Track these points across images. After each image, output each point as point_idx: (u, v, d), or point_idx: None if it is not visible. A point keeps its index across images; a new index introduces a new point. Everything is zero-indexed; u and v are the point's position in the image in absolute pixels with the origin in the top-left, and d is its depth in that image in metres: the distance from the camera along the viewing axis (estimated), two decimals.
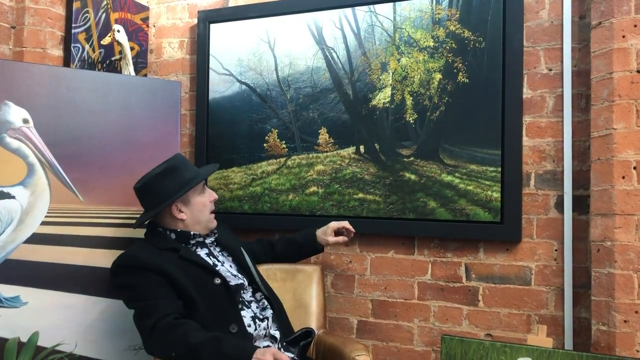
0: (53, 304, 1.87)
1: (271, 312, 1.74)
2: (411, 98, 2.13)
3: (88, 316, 1.93)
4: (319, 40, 2.29)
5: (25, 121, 1.86)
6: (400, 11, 2.15)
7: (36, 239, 1.86)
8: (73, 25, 2.34)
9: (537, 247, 1.98)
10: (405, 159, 2.14)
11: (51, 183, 1.90)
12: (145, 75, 2.63)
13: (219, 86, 2.48)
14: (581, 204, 1.92)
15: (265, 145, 2.38)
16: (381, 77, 2.18)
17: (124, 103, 2.07)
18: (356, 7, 2.21)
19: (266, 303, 1.76)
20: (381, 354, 2.20)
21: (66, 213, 1.93)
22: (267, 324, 1.70)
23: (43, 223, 1.88)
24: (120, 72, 2.43)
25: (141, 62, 2.62)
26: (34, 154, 1.88)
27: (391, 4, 2.16)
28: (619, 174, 1.73)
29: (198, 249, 1.78)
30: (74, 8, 2.34)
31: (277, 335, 1.71)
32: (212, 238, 1.84)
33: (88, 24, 2.39)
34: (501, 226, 1.99)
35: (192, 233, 1.77)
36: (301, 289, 2.07)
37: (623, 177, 1.73)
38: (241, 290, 1.73)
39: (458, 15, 2.07)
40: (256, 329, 1.66)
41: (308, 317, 2.01)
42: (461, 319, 2.08)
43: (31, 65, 2.00)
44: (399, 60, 2.15)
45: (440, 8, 2.10)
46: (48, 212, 1.89)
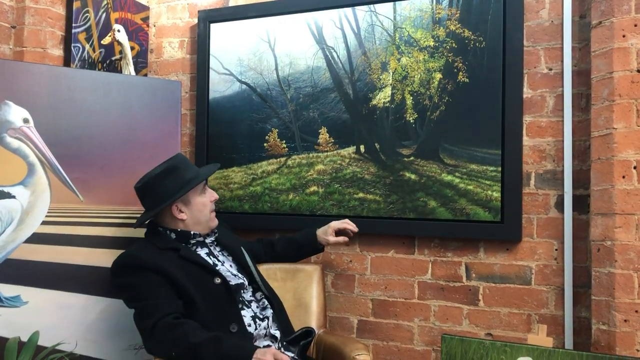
0: (53, 304, 1.87)
1: (271, 312, 1.74)
2: (411, 98, 2.13)
3: (88, 316, 1.93)
4: (319, 39, 2.29)
5: (25, 121, 1.86)
6: (400, 11, 2.15)
7: (36, 239, 1.86)
8: (73, 25, 2.34)
9: (538, 247, 1.98)
10: (405, 159, 2.14)
11: (51, 183, 1.90)
12: (145, 75, 2.63)
13: (219, 86, 2.48)
14: (581, 204, 1.92)
15: (265, 144, 2.38)
16: (381, 77, 2.18)
17: (125, 103, 2.07)
18: (356, 7, 2.21)
19: (266, 303, 1.76)
20: (381, 354, 2.20)
21: (66, 213, 1.93)
22: (268, 324, 1.70)
23: (43, 223, 1.88)
24: (120, 72, 2.43)
25: (141, 62, 2.62)
26: (34, 154, 1.88)
27: (391, 4, 2.16)
28: (619, 174, 1.73)
29: (198, 249, 1.78)
30: (74, 8, 2.34)
31: (278, 334, 1.71)
32: (213, 238, 1.84)
33: (88, 24, 2.39)
34: (501, 226, 1.99)
35: (192, 233, 1.77)
36: (301, 289, 2.07)
37: (623, 177, 1.73)
38: (241, 289, 1.73)
39: (458, 14, 2.07)
40: (256, 329, 1.66)
41: (308, 317, 2.01)
42: (461, 319, 2.08)
43: (31, 65, 2.00)
44: (399, 59, 2.15)
45: (440, 7, 2.10)
46: (48, 212, 1.89)
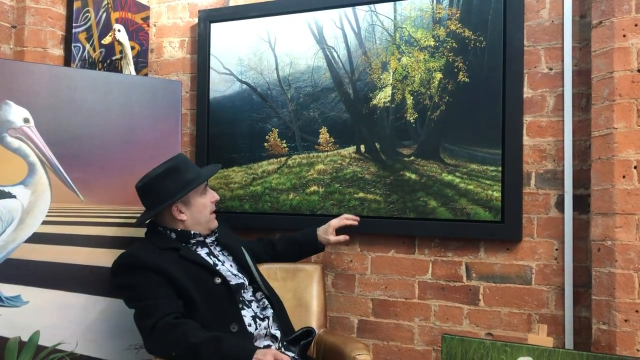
0: (54, 304, 1.87)
1: (272, 312, 1.74)
2: (412, 97, 2.13)
3: (89, 315, 1.93)
4: (320, 39, 2.29)
5: (26, 120, 1.87)
6: (400, 10, 2.15)
7: (37, 239, 1.86)
8: (74, 24, 2.34)
9: (538, 247, 1.98)
10: (405, 159, 2.14)
11: (52, 182, 1.90)
12: (145, 74, 2.63)
13: (220, 85, 2.48)
14: (582, 204, 1.92)
15: (265, 144, 2.38)
16: (382, 77, 2.18)
17: (125, 102, 2.07)
18: (357, 7, 2.21)
19: (267, 302, 1.77)
20: (382, 353, 2.20)
21: (67, 212, 1.93)
22: (268, 324, 1.70)
23: (44, 222, 1.88)
24: (120, 72, 2.43)
25: (142, 62, 2.62)
26: (35, 154, 1.88)
27: (392, 4, 2.16)
28: (620, 174, 1.73)
29: (198, 249, 1.78)
30: (75, 7, 2.34)
31: (278, 334, 1.71)
32: (213, 237, 1.84)
33: (89, 24, 2.39)
34: (502, 225, 1.99)
35: (193, 232, 1.77)
36: (302, 288, 2.07)
37: (624, 177, 1.73)
38: (241, 289, 1.73)
39: (459, 14, 2.07)
40: (257, 329, 1.66)
41: (308, 317, 2.01)
42: (462, 318, 2.08)
43: (32, 64, 2.00)
44: (400, 59, 2.15)
45: (440, 7, 2.09)
46: (49, 212, 1.89)
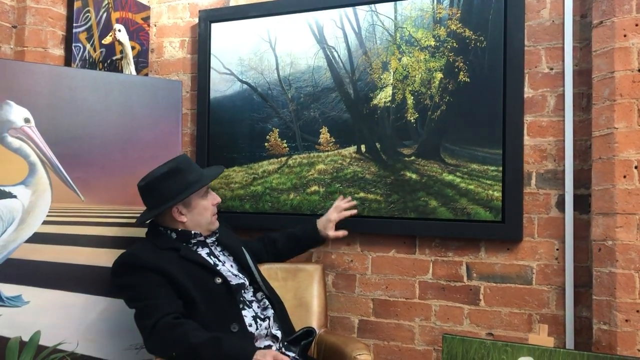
0: (54, 303, 1.88)
1: (272, 312, 1.74)
2: (412, 97, 2.13)
3: (89, 315, 1.93)
4: (320, 39, 2.29)
5: (26, 120, 1.87)
6: (401, 10, 2.15)
7: (37, 238, 1.86)
8: (74, 24, 2.34)
9: (538, 247, 1.98)
10: (406, 158, 2.14)
11: (52, 182, 1.90)
12: (146, 74, 2.63)
13: (220, 85, 2.48)
14: (582, 203, 1.92)
15: (266, 144, 2.38)
16: (382, 77, 2.18)
17: (125, 102, 2.07)
18: (357, 7, 2.21)
19: (267, 303, 1.76)
20: (382, 353, 2.20)
21: (67, 212, 1.93)
22: (269, 324, 1.70)
23: (44, 222, 1.88)
24: (121, 72, 2.43)
25: (142, 62, 2.62)
26: (36, 154, 1.88)
27: (392, 3, 2.16)
28: (620, 173, 1.73)
29: (199, 249, 1.78)
30: (75, 7, 2.34)
31: (279, 334, 1.71)
32: (214, 238, 1.84)
33: (89, 24, 2.39)
34: (502, 225, 1.99)
35: (193, 232, 1.77)
36: (302, 288, 2.07)
37: (624, 177, 1.73)
38: (242, 289, 1.73)
39: (459, 14, 2.07)
40: (258, 329, 1.66)
41: (309, 317, 2.01)
42: (462, 318, 2.08)
43: (32, 64, 2.00)
44: (400, 59, 2.15)
45: (441, 7, 2.09)
46: (49, 212, 1.89)
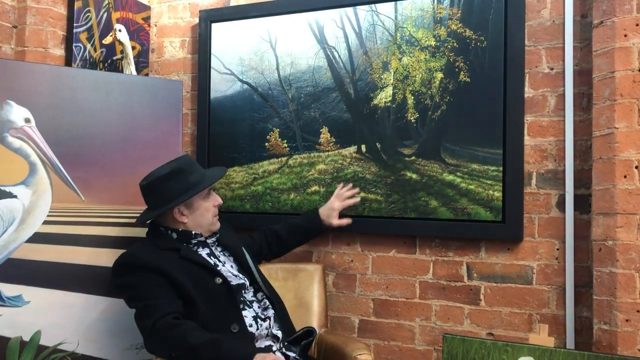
0: (55, 303, 1.88)
1: (273, 312, 1.74)
2: (412, 97, 2.13)
3: (90, 315, 1.93)
4: (321, 39, 2.29)
5: (27, 120, 1.87)
6: (401, 10, 2.15)
7: (38, 238, 1.86)
8: (75, 24, 2.34)
9: (539, 246, 1.98)
10: (406, 158, 2.14)
11: (53, 182, 1.90)
12: (146, 74, 2.63)
13: (221, 85, 2.48)
14: (583, 203, 1.92)
15: (266, 144, 2.38)
16: (382, 77, 2.18)
17: (126, 102, 2.07)
18: (357, 7, 2.21)
19: (268, 303, 1.76)
20: (383, 353, 2.20)
21: (68, 212, 1.93)
22: (269, 324, 1.70)
23: (45, 222, 1.88)
24: (121, 72, 2.43)
25: (143, 62, 2.62)
26: (36, 153, 1.88)
27: (392, 3, 2.16)
28: (621, 173, 1.73)
29: (199, 249, 1.78)
30: (76, 7, 2.34)
31: (279, 335, 1.71)
32: (214, 238, 1.84)
33: (90, 24, 2.40)
34: (503, 225, 1.99)
35: (194, 233, 1.77)
36: (303, 288, 2.07)
37: (625, 177, 1.72)
38: (242, 290, 1.73)
39: (459, 14, 2.06)
40: (258, 329, 1.66)
41: (309, 317, 2.02)
42: (463, 318, 2.08)
43: (33, 64, 2.00)
44: (401, 59, 2.15)
45: (441, 7, 2.09)
46: (50, 211, 1.89)
